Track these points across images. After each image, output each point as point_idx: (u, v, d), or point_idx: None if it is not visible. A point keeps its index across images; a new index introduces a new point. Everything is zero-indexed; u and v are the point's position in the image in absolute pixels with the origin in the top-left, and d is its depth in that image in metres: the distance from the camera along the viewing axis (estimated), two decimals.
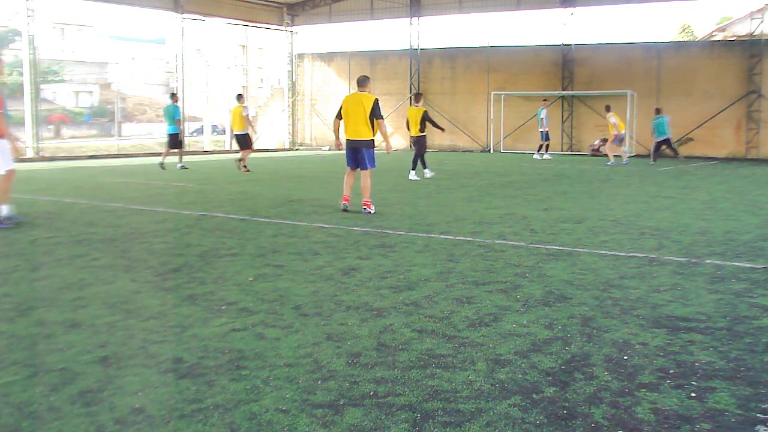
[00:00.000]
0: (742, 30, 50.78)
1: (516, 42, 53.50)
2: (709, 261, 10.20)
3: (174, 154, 29.95)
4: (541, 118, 35.90)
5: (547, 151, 36.69)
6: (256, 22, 48.97)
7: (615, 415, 4.96)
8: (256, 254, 10.66)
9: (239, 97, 29.25)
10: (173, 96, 30.15)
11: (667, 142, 32.92)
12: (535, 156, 36.84)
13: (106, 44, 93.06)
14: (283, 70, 52.93)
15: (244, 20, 47.98)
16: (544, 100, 38.41)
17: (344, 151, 16.25)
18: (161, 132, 61.76)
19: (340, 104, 16.10)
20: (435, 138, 46.34)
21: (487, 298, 8.01)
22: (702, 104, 38.13)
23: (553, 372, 5.75)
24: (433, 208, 16.16)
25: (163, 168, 28.23)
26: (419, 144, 25.29)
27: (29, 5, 35.95)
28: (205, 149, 46.79)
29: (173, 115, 29.33)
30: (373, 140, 15.91)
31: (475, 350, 6.26)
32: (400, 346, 6.34)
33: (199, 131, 57.95)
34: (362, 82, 15.82)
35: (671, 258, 10.41)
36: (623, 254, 10.69)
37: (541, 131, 36.28)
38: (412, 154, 25.62)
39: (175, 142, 29.53)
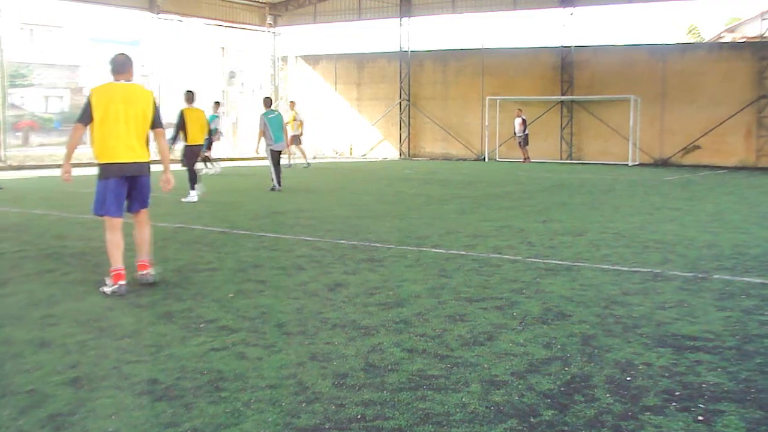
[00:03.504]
0: (752, 31, 50.95)
1: (512, 44, 53.52)
2: (717, 276, 10.24)
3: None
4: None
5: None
6: (236, 22, 48.97)
7: None
8: (237, 269, 10.66)
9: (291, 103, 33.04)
10: (217, 104, 33.90)
11: None
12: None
13: (77, 46, 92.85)
14: (265, 74, 52.93)
15: (223, 21, 47.99)
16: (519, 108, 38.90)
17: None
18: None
19: None
20: (426, 146, 46.38)
21: (481, 316, 8.03)
22: (709, 110, 38.16)
23: (551, 394, 5.77)
24: (424, 220, 16.17)
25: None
26: None
27: None
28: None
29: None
30: None
31: (469, 371, 6.27)
32: (390, 367, 6.35)
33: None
34: None
35: (677, 273, 10.43)
36: (626, 269, 10.72)
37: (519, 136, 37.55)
38: None
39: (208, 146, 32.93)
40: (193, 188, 20.35)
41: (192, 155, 20.85)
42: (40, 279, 10.00)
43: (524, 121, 40.58)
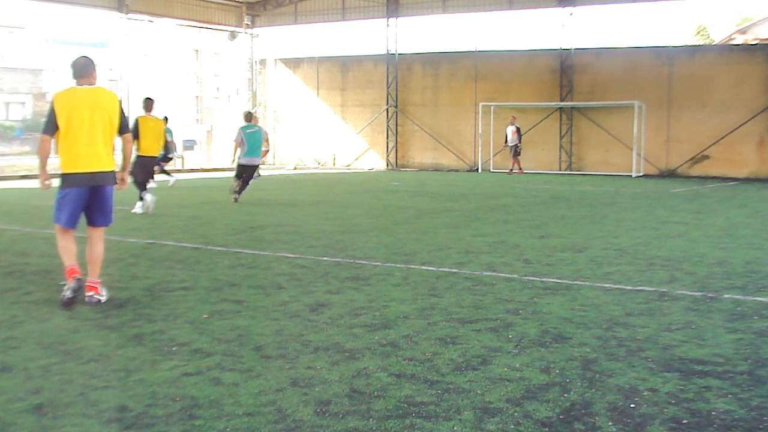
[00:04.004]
0: (764, 32, 51.14)
1: (507, 46, 53.70)
2: (727, 296, 10.26)
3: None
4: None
5: None
6: (211, 23, 48.95)
7: None
8: (212, 288, 10.66)
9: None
10: (165, 119, 32.14)
11: None
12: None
13: (40, 49, 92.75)
14: (242, 78, 52.94)
15: (197, 21, 47.96)
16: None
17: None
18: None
19: None
20: (415, 156, 46.32)
21: (474, 338, 8.03)
22: (719, 117, 38.27)
23: (550, 422, 5.77)
24: (413, 235, 16.19)
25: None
26: None
27: None
28: None
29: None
30: None
31: (461, 397, 6.27)
32: (376, 393, 6.35)
33: None
34: None
35: (684, 292, 10.46)
36: (630, 288, 10.74)
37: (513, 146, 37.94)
38: None
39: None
40: (140, 198, 20.09)
41: (141, 166, 20.34)
42: (0, 299, 9.98)
43: (518, 129, 40.52)
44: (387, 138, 47.00)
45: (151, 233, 16.22)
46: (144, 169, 20.43)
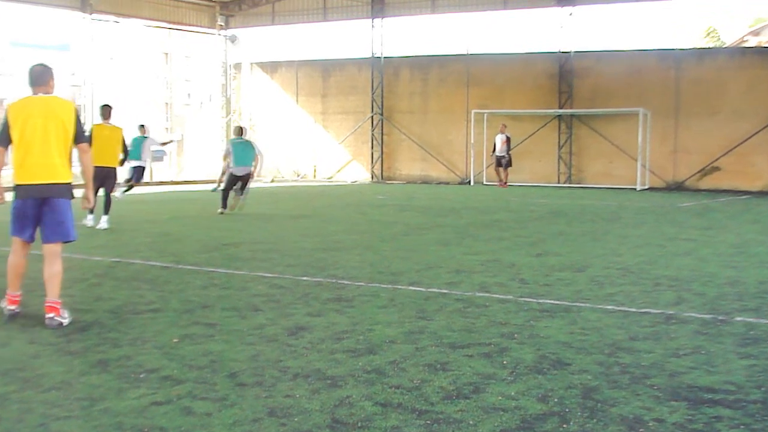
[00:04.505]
0: None
1: (502, 49, 53.80)
2: (739, 318, 10.26)
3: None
4: None
5: None
6: (182, 24, 48.89)
7: None
8: (182, 310, 10.64)
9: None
10: (142, 127, 31.54)
11: None
12: None
13: None
14: (215, 83, 52.85)
15: (167, 22, 47.88)
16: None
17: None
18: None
19: None
20: (402, 167, 46.30)
21: (466, 364, 8.03)
22: (731, 125, 38.31)
23: None
24: (399, 253, 16.20)
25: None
26: None
27: None
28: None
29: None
30: None
31: (452, 428, 6.27)
32: (360, 423, 6.35)
33: None
34: None
35: (693, 315, 10.47)
36: (634, 310, 10.75)
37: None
38: None
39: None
40: (105, 213, 19.95)
41: (94, 178, 19.68)
42: None
43: (508, 139, 40.35)
44: (372, 148, 47.00)
45: (116, 251, 16.19)
46: (95, 180, 20.02)
